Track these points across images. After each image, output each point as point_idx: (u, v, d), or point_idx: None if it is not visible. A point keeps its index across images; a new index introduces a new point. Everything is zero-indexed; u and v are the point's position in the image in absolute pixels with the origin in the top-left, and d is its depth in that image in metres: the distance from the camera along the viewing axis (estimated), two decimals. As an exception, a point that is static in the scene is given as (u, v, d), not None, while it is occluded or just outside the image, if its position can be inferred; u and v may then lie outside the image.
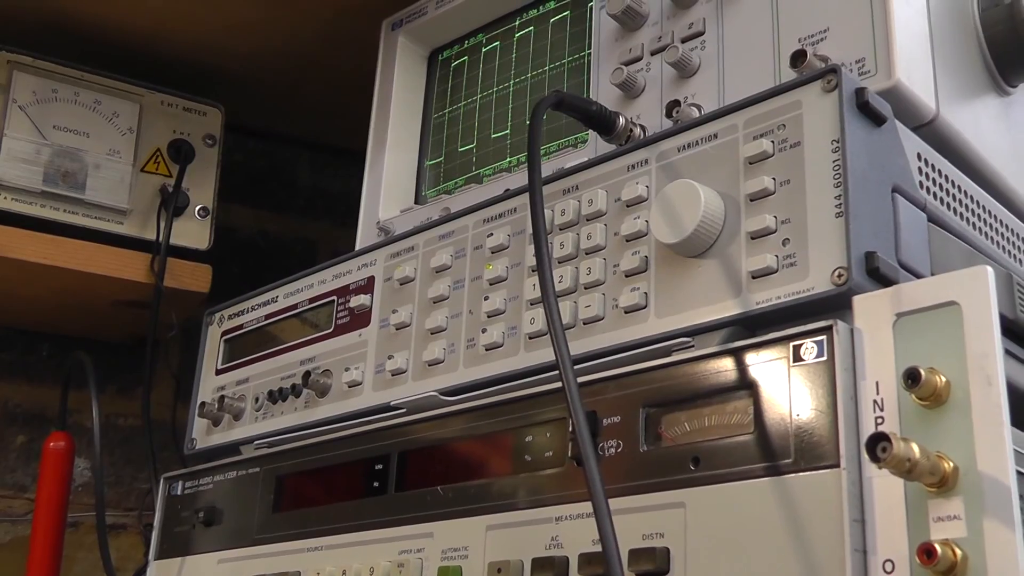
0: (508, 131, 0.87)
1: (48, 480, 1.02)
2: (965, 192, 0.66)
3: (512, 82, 0.88)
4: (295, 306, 0.88)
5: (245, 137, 1.37)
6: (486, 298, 0.71)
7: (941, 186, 0.63)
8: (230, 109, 1.18)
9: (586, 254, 0.66)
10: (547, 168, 0.71)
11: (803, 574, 0.48)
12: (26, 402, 1.22)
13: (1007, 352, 0.58)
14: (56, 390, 1.07)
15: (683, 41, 0.72)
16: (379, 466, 0.73)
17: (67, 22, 1.12)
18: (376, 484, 0.72)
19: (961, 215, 0.64)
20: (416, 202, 0.93)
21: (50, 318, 1.20)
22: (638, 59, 0.75)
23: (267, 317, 0.91)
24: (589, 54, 0.80)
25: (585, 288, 0.65)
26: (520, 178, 0.79)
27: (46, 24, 1.12)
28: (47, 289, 1.09)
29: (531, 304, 0.68)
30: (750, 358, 0.54)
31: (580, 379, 0.56)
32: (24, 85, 1.06)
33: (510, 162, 0.86)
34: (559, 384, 0.54)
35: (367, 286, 0.81)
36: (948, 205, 0.63)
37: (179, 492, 0.91)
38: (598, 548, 0.54)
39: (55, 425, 1.05)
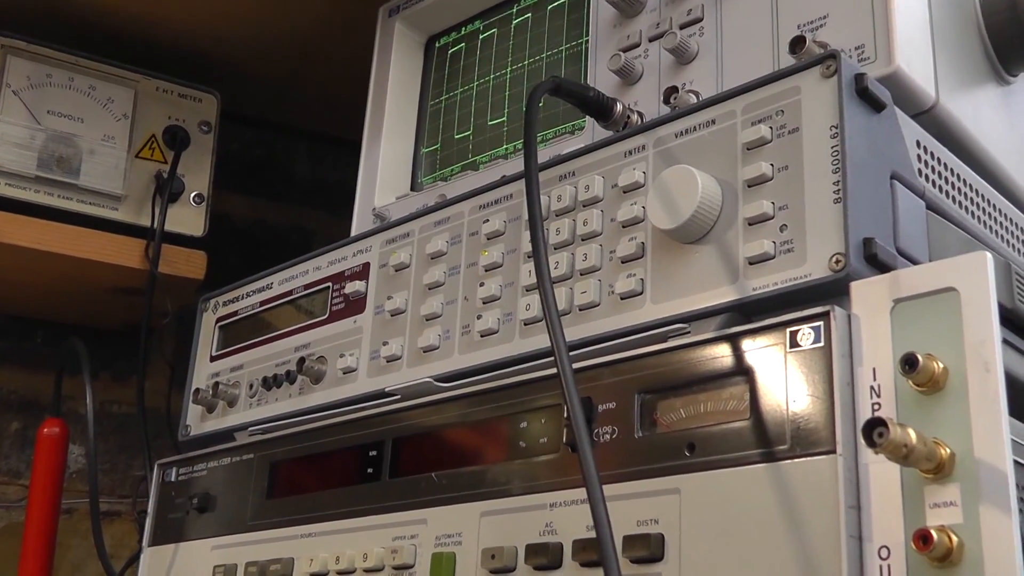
0: (505, 118, 0.86)
1: (42, 467, 1.02)
2: (964, 180, 0.65)
3: (509, 69, 0.87)
4: (290, 292, 0.88)
5: (241, 125, 1.36)
6: (481, 284, 0.70)
7: (940, 174, 0.62)
8: (226, 97, 1.17)
9: (582, 240, 0.65)
10: (544, 154, 0.71)
11: (798, 560, 0.48)
12: (20, 388, 1.22)
13: (1005, 342, 0.58)
14: (50, 377, 1.06)
15: (681, 27, 0.71)
16: (373, 452, 0.72)
17: (62, 7, 1.11)
18: (370, 470, 0.72)
19: (960, 203, 0.64)
20: (412, 189, 0.93)
21: (44, 304, 1.20)
22: (636, 45, 0.74)
23: (262, 304, 0.90)
24: (587, 41, 0.80)
25: (581, 274, 0.65)
26: (516, 165, 0.79)
27: (41, 9, 1.11)
28: (41, 275, 1.09)
29: (526, 290, 0.68)
30: (746, 344, 0.54)
31: (575, 365, 0.56)
32: (18, 70, 1.06)
33: (507, 149, 0.85)
34: (554, 370, 0.54)
35: (362, 272, 0.81)
36: (947, 193, 0.63)
37: (173, 479, 0.91)
38: (592, 534, 0.54)
39: (49, 412, 1.05)
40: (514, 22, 0.89)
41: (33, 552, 1.00)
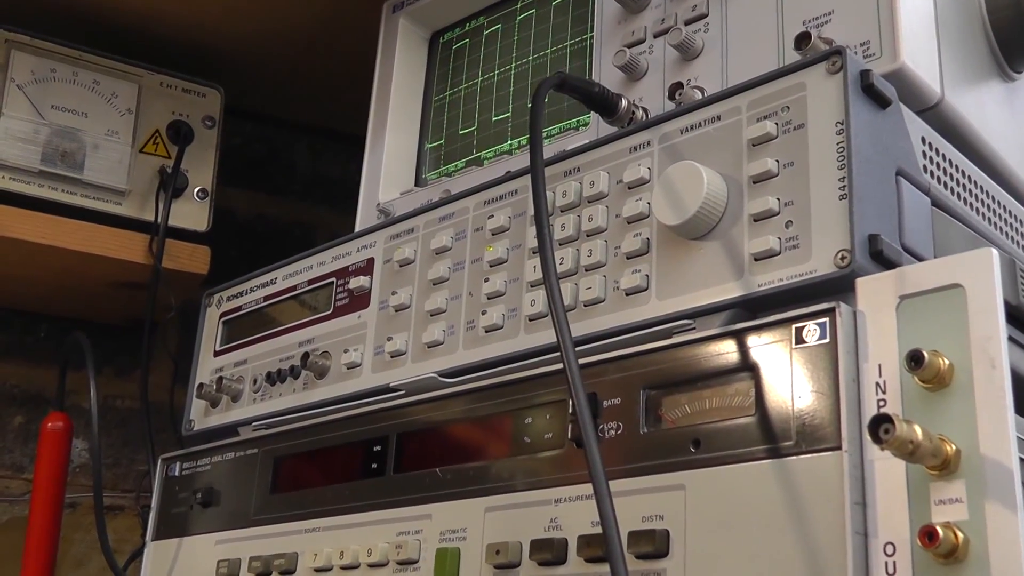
0: (509, 114, 0.86)
1: (46, 461, 1.02)
2: (969, 177, 0.65)
3: (513, 65, 0.87)
4: (294, 288, 0.88)
5: (244, 120, 1.36)
6: (486, 280, 0.70)
7: (945, 170, 0.62)
8: (229, 92, 1.17)
9: (587, 236, 0.66)
10: (549, 151, 0.71)
11: (803, 557, 0.48)
12: (24, 383, 1.22)
13: (1010, 338, 0.58)
14: (54, 371, 1.06)
15: (686, 23, 0.71)
16: (378, 448, 0.72)
17: (66, 2, 1.11)
18: (374, 466, 0.72)
19: (964, 200, 0.64)
20: (416, 184, 0.93)
21: (48, 299, 1.20)
22: (641, 41, 0.74)
23: (266, 299, 0.90)
24: (591, 36, 0.80)
25: (586, 270, 0.65)
26: (521, 161, 0.79)
27: (45, 3, 1.11)
28: (45, 269, 1.09)
29: (531, 286, 0.68)
30: (752, 340, 0.54)
31: (580, 361, 0.56)
32: (23, 64, 1.06)
33: (511, 145, 0.85)
34: (559, 366, 0.54)
35: (367, 268, 0.81)
36: (952, 189, 0.63)
37: (177, 473, 0.91)
38: (597, 530, 0.54)
39: (53, 406, 1.05)
40: (518, 18, 0.89)
41: (36, 546, 1.00)
